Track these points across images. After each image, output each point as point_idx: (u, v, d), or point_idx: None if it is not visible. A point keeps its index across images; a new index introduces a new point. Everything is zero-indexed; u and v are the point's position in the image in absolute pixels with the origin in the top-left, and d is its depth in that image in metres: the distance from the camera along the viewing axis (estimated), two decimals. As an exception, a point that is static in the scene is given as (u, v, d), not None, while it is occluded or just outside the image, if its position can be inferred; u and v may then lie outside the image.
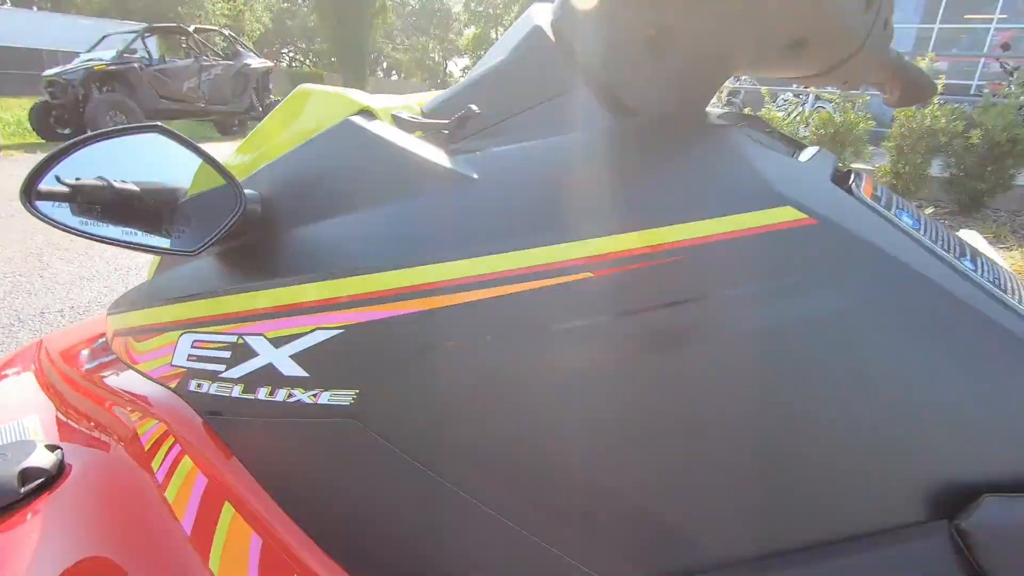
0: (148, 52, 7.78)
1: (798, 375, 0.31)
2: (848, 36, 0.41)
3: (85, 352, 0.67)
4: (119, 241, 0.40)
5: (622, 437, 0.33)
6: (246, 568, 0.42)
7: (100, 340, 0.70)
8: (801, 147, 0.47)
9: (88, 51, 7.60)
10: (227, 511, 0.43)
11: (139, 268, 2.73)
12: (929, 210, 4.02)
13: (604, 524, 0.34)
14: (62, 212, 0.39)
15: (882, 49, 0.48)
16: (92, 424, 0.53)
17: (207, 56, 8.15)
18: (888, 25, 0.46)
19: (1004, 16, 8.46)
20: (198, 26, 8.68)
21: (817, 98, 5.95)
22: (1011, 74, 5.32)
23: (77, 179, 0.42)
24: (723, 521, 0.32)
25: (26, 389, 0.64)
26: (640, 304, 0.32)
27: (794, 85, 7.16)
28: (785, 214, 0.32)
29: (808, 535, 0.31)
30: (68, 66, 7.20)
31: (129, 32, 7.79)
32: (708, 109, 0.47)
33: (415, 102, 0.51)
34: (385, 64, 43.76)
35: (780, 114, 6.13)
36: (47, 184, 0.38)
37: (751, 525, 0.32)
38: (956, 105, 4.73)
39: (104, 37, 7.81)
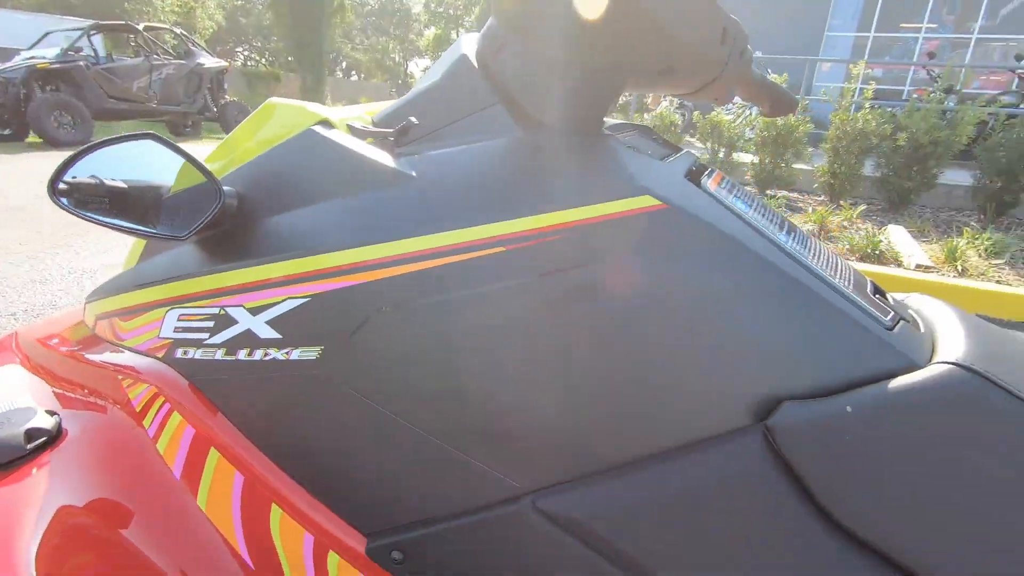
0: (95, 50, 7.52)
1: (651, 319, 0.41)
2: (708, 65, 0.53)
3: (67, 336, 0.73)
4: (122, 227, 0.48)
5: (529, 370, 0.43)
6: (230, 500, 0.51)
7: (78, 326, 0.76)
8: (677, 150, 0.59)
9: (29, 48, 7.29)
10: (212, 455, 0.51)
11: (92, 272, 2.69)
12: (862, 207, 4.32)
13: (518, 441, 0.44)
14: (79, 204, 0.48)
15: (743, 72, 0.60)
16: (85, 392, 0.60)
17: (158, 55, 7.93)
18: (745, 54, 0.58)
19: (933, 25, 9.08)
20: (148, 24, 8.42)
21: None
22: (936, 80, 5.71)
23: (73, 178, 0.50)
24: (600, 433, 0.43)
25: (13, 372, 0.69)
26: (538, 270, 0.42)
27: (742, 89, 7.51)
28: (644, 201, 0.42)
29: (662, 441, 0.42)
30: (7, 64, 6.88)
31: (74, 29, 7.51)
32: (606, 119, 0.58)
33: (366, 112, 0.60)
34: (344, 64, 43.05)
35: (728, 117, 6.39)
36: (65, 181, 0.47)
37: (622, 435, 0.43)
38: (889, 109, 5.08)
39: (47, 34, 7.50)
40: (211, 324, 0.51)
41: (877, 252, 3.31)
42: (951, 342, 0.42)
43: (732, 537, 0.41)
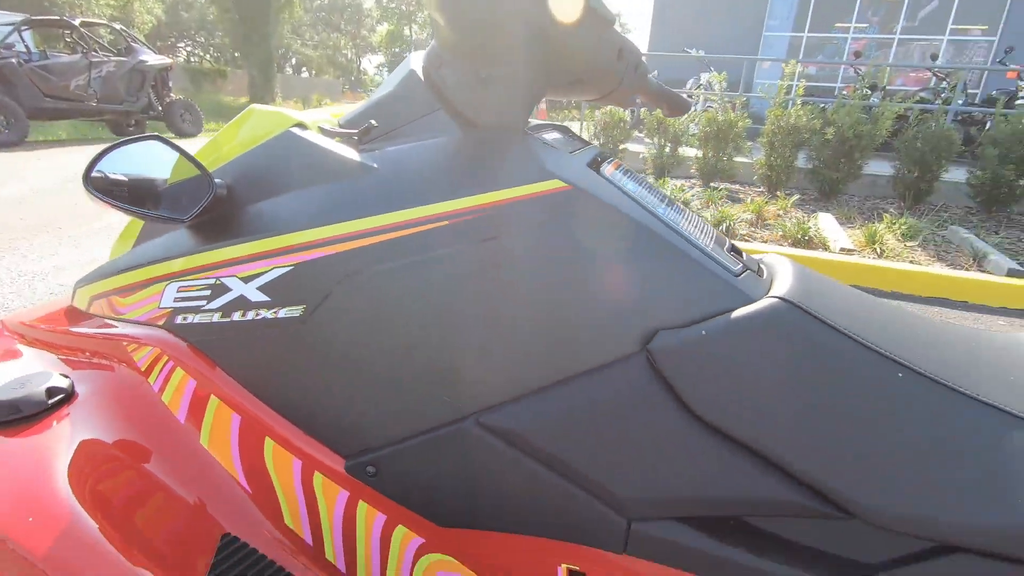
0: (27, 46, 7.16)
1: (559, 273, 0.55)
2: (608, 78, 0.67)
3: (60, 317, 0.81)
4: (135, 212, 0.58)
5: (467, 316, 0.56)
6: (228, 437, 0.62)
7: (66, 309, 0.84)
8: (585, 144, 0.72)
9: (-47, 44, 6.88)
10: (212, 402, 0.62)
11: (43, 274, 2.65)
12: (796, 197, 4.64)
13: (461, 372, 0.57)
14: (104, 193, 0.58)
15: (640, 83, 0.74)
16: (91, 357, 0.69)
17: (96, 52, 7.61)
18: (639, 68, 0.73)
19: (864, 25, 9.68)
20: (84, 20, 8.06)
21: (707, 100, 6.60)
22: (862, 78, 6.13)
23: (99, 172, 0.60)
24: (525, 362, 0.56)
25: (16, 347, 0.77)
26: (474, 239, 0.55)
27: (688, 86, 7.84)
28: (554, 184, 0.55)
29: (574, 366, 0.55)
30: (-71, 62, 6.50)
31: (4, 25, 7.13)
32: (531, 120, 0.71)
33: (332, 115, 0.71)
34: (294, 60, 41.86)
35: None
36: (93, 176, 0.57)
37: (543, 363, 0.56)
38: (822, 105, 5.45)
39: (-29, 30, 7.10)
40: (208, 293, 0.61)
41: (806, 238, 3.60)
42: (781, 284, 0.57)
43: (629, 435, 0.54)
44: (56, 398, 0.62)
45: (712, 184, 5.22)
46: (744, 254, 0.65)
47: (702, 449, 0.53)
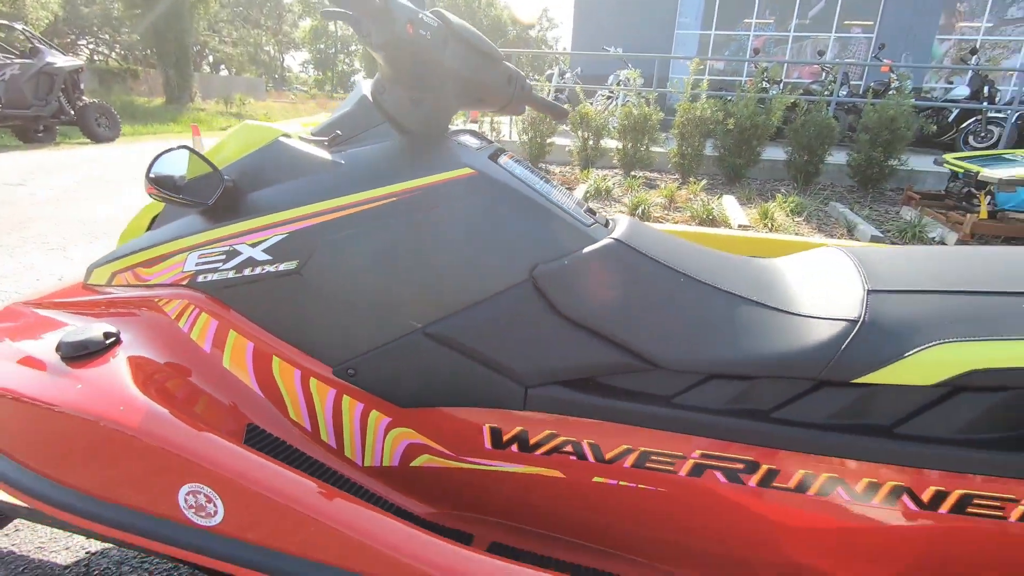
0: (-88, 49, 6.64)
1: (473, 232, 0.83)
2: (501, 98, 0.96)
3: (79, 291, 1.01)
4: (174, 199, 0.81)
5: (408, 263, 0.83)
6: (244, 359, 0.86)
7: (77, 285, 1.04)
8: (489, 143, 1.01)
9: None
10: (231, 335, 0.86)
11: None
12: (704, 182, 5.15)
13: (408, 297, 0.84)
14: (158, 187, 0.81)
15: (526, 98, 1.03)
16: (126, 312, 0.91)
17: (-5, 53, 7.16)
18: (524, 87, 1.02)
19: (769, 21, 10.57)
20: (-23, 19, 7.52)
21: (625, 96, 7.08)
22: (760, 72, 6.77)
23: (152, 172, 0.83)
24: (453, 290, 0.83)
25: (48, 313, 0.97)
26: (412, 211, 0.82)
27: (609, 82, 8.32)
28: (465, 171, 0.84)
29: (489, 289, 0.84)
30: None
31: None
32: (451, 127, 0.99)
33: (303, 126, 0.96)
34: (211, 59, 39.68)
35: (598, 107, 7.09)
36: (150, 176, 0.80)
37: (465, 288, 0.84)
38: (730, 98, 6.00)
39: None
40: (223, 257, 0.86)
41: (711, 218, 4.07)
42: (618, 231, 0.88)
43: (523, 332, 0.83)
44: (110, 340, 0.84)
45: (632, 173, 5.68)
46: (596, 212, 0.96)
47: (568, 337, 0.82)
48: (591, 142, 5.82)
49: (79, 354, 0.81)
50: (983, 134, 6.94)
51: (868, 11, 9.97)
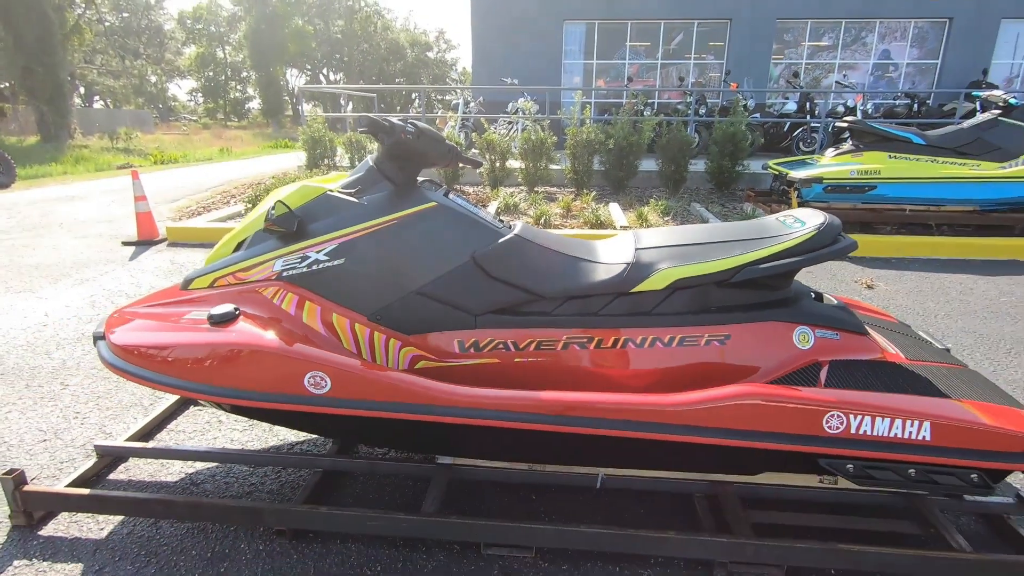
0: None
1: (434, 242, 1.54)
2: (445, 161, 1.71)
3: (177, 292, 1.62)
4: (275, 230, 1.46)
5: (400, 257, 1.53)
6: (315, 316, 1.53)
7: (172, 289, 1.64)
8: (440, 185, 1.74)
9: None
10: (307, 305, 1.52)
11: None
12: (594, 193, 6.15)
13: (404, 276, 1.54)
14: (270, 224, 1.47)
15: (458, 159, 1.78)
16: (238, 298, 1.53)
17: None
18: (457, 153, 1.77)
19: (642, 50, 12.09)
20: None
21: (523, 122, 8.03)
22: (633, 96, 7.96)
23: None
24: (424, 272, 1.54)
25: (179, 310, 1.56)
26: (399, 231, 1.52)
27: (508, 110, 9.28)
28: (431, 204, 1.55)
29: (444, 269, 1.55)
30: None
31: None
32: (419, 179, 1.71)
33: (330, 180, 1.64)
34: (82, 90, 36.77)
35: (502, 131, 7.98)
36: (267, 218, 1.46)
37: (430, 270, 1.54)
38: (609, 122, 7.07)
39: None
40: (299, 259, 1.52)
41: (600, 222, 5.02)
42: (517, 231, 1.64)
43: (470, 287, 1.56)
44: (237, 312, 1.47)
45: (535, 189, 6.58)
46: (504, 221, 1.72)
47: (494, 288, 1.56)
48: (498, 164, 6.66)
49: (224, 320, 1.44)
50: (809, 140, 8.61)
51: (718, 41, 11.78)
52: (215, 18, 45.94)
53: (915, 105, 9.55)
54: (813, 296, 1.59)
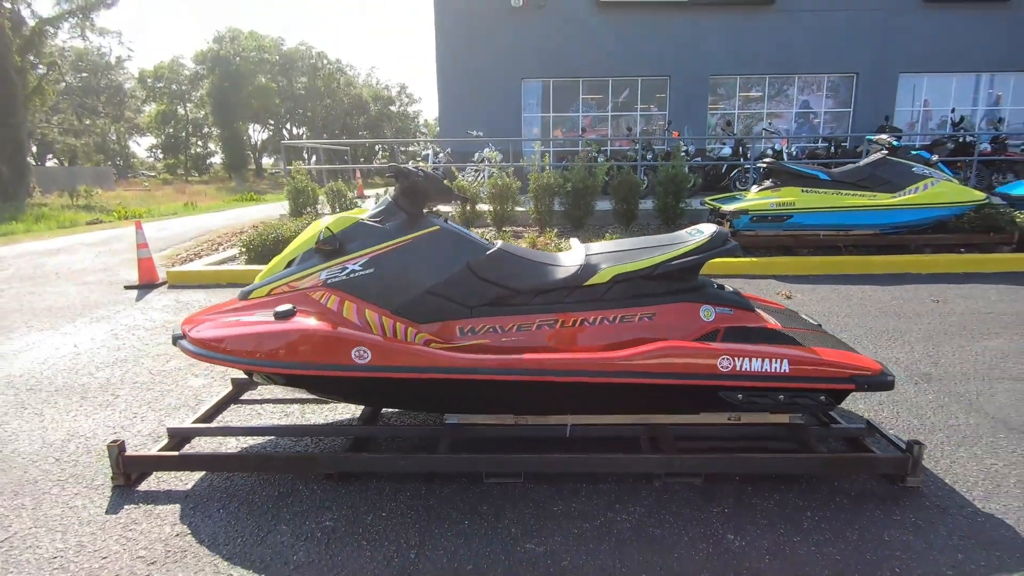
0: None
1: (438, 259, 2.10)
2: (444, 199, 2.30)
3: (237, 302, 2.12)
4: (323, 247, 2.00)
5: (413, 266, 2.08)
6: (352, 313, 2.06)
7: (233, 302, 2.14)
8: (439, 214, 2.32)
9: None
10: (346, 304, 2.05)
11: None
12: (556, 230, 6.85)
13: (417, 279, 2.08)
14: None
15: (452, 197, 2.37)
16: (293, 301, 2.04)
17: None
18: (451, 193, 2.36)
19: (594, 102, 13.26)
20: None
21: (489, 170, 8.81)
22: (588, 145, 8.85)
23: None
24: (432, 275, 2.09)
25: (248, 311, 2.05)
26: (412, 250, 2.08)
27: (475, 159, 10.09)
28: (435, 227, 2.12)
29: (448, 272, 2.11)
30: None
31: None
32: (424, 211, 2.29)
33: (358, 212, 2.20)
34: (35, 149, 36.34)
35: (470, 178, 8.70)
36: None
37: (438, 273, 2.09)
38: (566, 168, 7.85)
39: None
40: (340, 270, 2.05)
41: (562, 254, 5.67)
42: (499, 245, 2.22)
43: (468, 287, 2.11)
44: (294, 310, 1.98)
45: (503, 228, 7.25)
46: (489, 240, 2.30)
47: (485, 287, 2.13)
48: (468, 207, 7.32)
49: (287, 315, 1.95)
50: (744, 180, 9.66)
51: (660, 94, 13.09)
52: (177, 76, 46.57)
53: (832, 147, 10.85)
54: (716, 286, 2.21)
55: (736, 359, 1.89)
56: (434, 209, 2.42)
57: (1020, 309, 4.09)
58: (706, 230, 2.14)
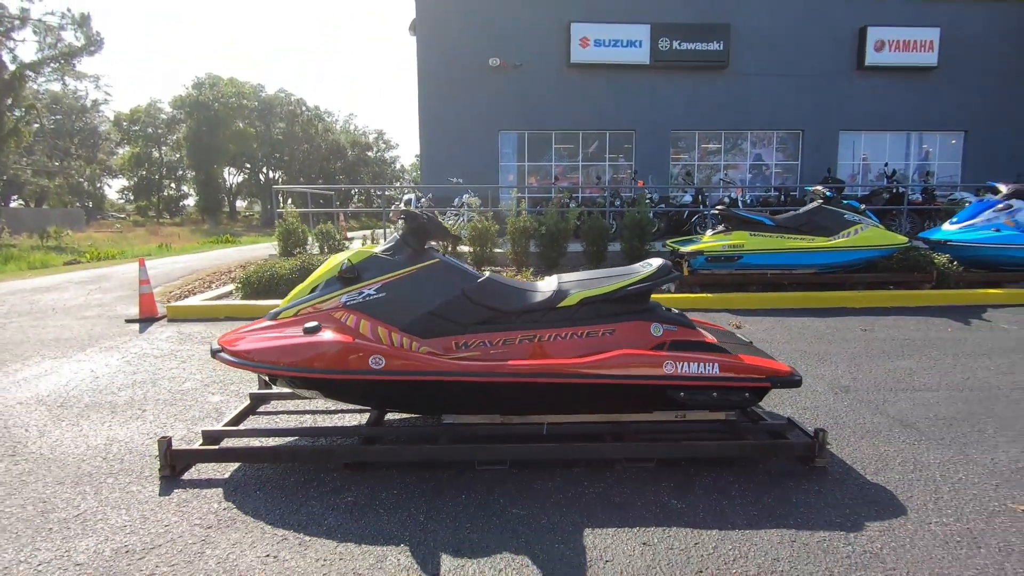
0: None
1: (437, 281, 2.57)
2: (442, 237, 2.80)
3: (263, 323, 2.53)
4: (346, 277, 2.45)
5: (417, 291, 2.54)
6: (367, 330, 2.50)
7: (262, 320, 2.56)
8: (437, 249, 2.80)
9: None
10: (362, 322, 2.49)
11: None
12: (532, 270, 7.40)
13: (419, 302, 2.53)
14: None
15: (448, 236, 2.87)
16: (318, 319, 2.46)
17: None
18: (448, 233, 2.86)
19: (565, 152, 14.19)
20: None
21: (469, 215, 9.40)
22: (561, 192, 9.54)
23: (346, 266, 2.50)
24: (431, 300, 2.55)
25: (282, 328, 2.47)
26: (418, 279, 2.55)
27: (455, 203, 10.69)
28: (436, 259, 2.60)
29: (445, 298, 2.57)
30: None
31: None
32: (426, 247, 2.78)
33: (373, 246, 2.67)
34: (1, 189, 35.81)
35: (452, 220, 9.25)
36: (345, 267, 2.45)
37: (435, 299, 2.55)
38: (541, 213, 8.47)
39: None
40: (358, 294, 2.50)
41: (537, 290, 6.19)
42: (488, 276, 2.70)
43: (463, 310, 2.57)
44: (319, 326, 2.40)
45: (482, 269, 7.77)
46: (478, 271, 2.79)
47: (477, 309, 2.60)
48: (449, 248, 7.83)
49: (314, 331, 2.38)
50: (703, 224, 10.47)
51: (626, 146, 14.13)
52: (154, 120, 46.93)
53: (782, 196, 11.86)
54: (665, 309, 2.73)
55: (678, 363, 2.38)
56: (431, 245, 2.91)
57: (932, 336, 4.74)
58: (654, 263, 2.67)
